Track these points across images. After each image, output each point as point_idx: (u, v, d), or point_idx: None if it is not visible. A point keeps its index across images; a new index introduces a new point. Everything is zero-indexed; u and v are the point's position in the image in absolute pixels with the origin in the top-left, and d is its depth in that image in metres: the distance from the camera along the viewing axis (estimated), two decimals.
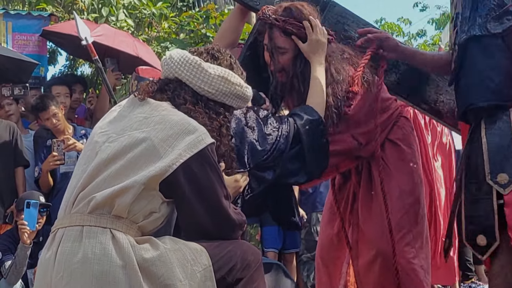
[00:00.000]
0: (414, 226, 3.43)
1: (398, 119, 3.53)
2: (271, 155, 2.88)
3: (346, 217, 3.64)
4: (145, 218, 2.41)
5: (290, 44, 3.24)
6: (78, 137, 5.77)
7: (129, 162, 2.38)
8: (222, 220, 2.48)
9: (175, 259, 2.36)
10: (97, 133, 2.55)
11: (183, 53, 2.62)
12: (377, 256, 3.39)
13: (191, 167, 2.39)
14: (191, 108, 2.53)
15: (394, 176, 3.44)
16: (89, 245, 2.32)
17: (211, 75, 2.58)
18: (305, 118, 2.98)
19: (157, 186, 2.38)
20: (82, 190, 2.41)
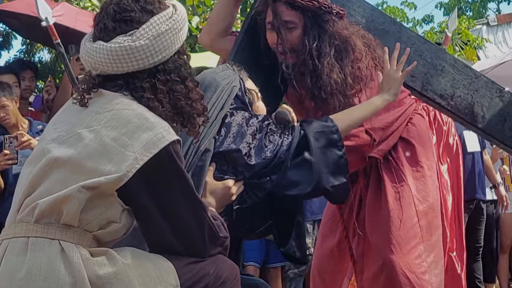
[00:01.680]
0: (427, 237, 3.42)
1: (413, 115, 3.56)
2: (271, 164, 2.84)
3: (351, 225, 3.64)
4: (101, 227, 2.35)
5: (299, 17, 3.22)
6: (34, 133, 5.69)
7: (76, 165, 2.32)
8: (191, 238, 2.42)
9: (136, 276, 2.30)
10: (48, 130, 2.51)
11: (102, 47, 2.44)
12: (382, 269, 3.38)
13: (151, 174, 2.32)
14: (150, 98, 2.43)
15: (406, 180, 3.44)
16: (34, 259, 2.26)
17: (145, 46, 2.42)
18: (315, 123, 2.96)
19: (114, 193, 2.32)
20: (28, 196, 2.35)
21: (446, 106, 3.70)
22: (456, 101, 3.68)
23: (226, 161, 2.81)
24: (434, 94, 3.67)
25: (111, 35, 2.44)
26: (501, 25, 15.24)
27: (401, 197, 3.41)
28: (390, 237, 3.36)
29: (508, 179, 7.49)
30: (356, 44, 3.23)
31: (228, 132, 2.82)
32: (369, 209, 3.52)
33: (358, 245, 3.58)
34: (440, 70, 3.66)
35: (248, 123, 2.86)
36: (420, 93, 3.68)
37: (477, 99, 3.71)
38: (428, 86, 3.66)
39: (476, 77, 3.72)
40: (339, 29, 3.23)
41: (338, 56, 3.23)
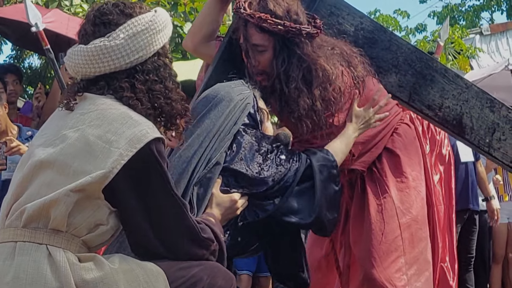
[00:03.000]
0: (409, 249, 3.40)
1: (399, 125, 3.54)
2: (277, 186, 2.88)
3: (337, 237, 3.63)
4: (90, 231, 2.38)
5: (268, 40, 3.18)
6: (24, 139, 5.66)
7: (62, 167, 2.34)
8: (171, 236, 2.43)
9: (124, 282, 2.31)
10: (37, 136, 2.54)
11: (81, 49, 2.48)
12: (364, 282, 3.37)
13: (134, 170, 2.34)
14: (130, 96, 2.47)
15: (389, 191, 3.43)
16: (21, 263, 2.27)
17: (120, 45, 2.47)
18: (319, 155, 3.02)
19: (101, 195, 2.34)
20: (15, 201, 2.38)
21: (433, 117, 3.70)
22: (444, 111, 3.67)
23: (235, 176, 2.85)
24: (421, 105, 3.67)
25: (90, 39, 2.49)
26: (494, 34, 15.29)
27: (383, 209, 3.39)
28: (371, 250, 3.35)
29: (501, 189, 7.51)
30: (325, 67, 3.19)
31: (239, 149, 2.87)
32: (353, 221, 3.51)
33: (344, 257, 3.58)
34: (430, 80, 3.65)
35: (260, 143, 2.92)
36: (407, 103, 3.67)
37: (466, 110, 3.68)
38: (416, 96, 3.65)
39: (467, 87, 3.70)
40: (308, 51, 3.18)
41: (307, 80, 3.20)
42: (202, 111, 2.92)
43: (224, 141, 2.87)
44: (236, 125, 2.91)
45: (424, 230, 3.49)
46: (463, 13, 23.74)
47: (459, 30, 15.40)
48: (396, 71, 3.63)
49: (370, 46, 3.60)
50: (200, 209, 2.80)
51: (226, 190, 2.80)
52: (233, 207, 2.83)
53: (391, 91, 3.58)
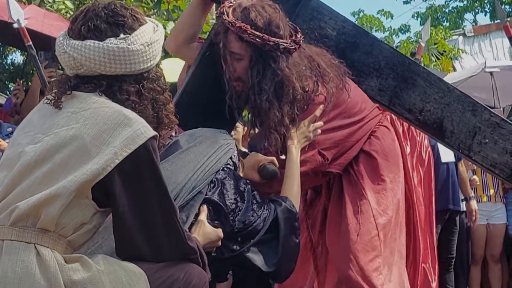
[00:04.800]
0: (384, 249, 3.43)
1: (377, 128, 3.56)
2: (246, 230, 2.97)
3: (316, 236, 3.65)
4: (75, 230, 2.40)
5: (245, 50, 3.23)
6: (4, 135, 5.68)
7: (57, 165, 2.35)
8: (157, 237, 2.45)
9: (108, 283, 2.33)
10: (20, 134, 2.52)
11: (97, 46, 2.49)
12: (340, 283, 3.40)
13: (128, 169, 2.37)
14: (135, 101, 2.53)
15: (366, 193, 3.45)
16: (9, 262, 2.28)
17: (141, 51, 2.53)
18: (283, 206, 3.09)
19: (90, 194, 2.36)
20: (3, 199, 2.37)
21: (414, 120, 3.73)
22: (425, 115, 3.71)
23: (213, 208, 2.91)
24: (402, 109, 3.71)
25: (103, 37, 2.50)
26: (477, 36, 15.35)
27: (360, 212, 3.42)
28: (347, 253, 3.37)
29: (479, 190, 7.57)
30: (295, 85, 3.24)
31: (219, 185, 2.95)
32: (329, 222, 3.54)
33: (321, 256, 3.61)
34: (411, 83, 3.68)
35: (239, 184, 3.00)
36: (388, 107, 3.71)
37: (447, 114, 3.71)
38: (397, 100, 3.69)
39: (449, 91, 3.72)
40: (282, 67, 3.22)
41: (278, 94, 3.25)
42: (186, 145, 3.00)
43: (207, 174, 2.94)
44: (219, 163, 3.00)
45: (395, 231, 3.52)
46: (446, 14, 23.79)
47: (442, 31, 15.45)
48: (378, 74, 3.67)
49: (352, 50, 3.64)
50: None
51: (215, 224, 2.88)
52: (215, 242, 2.86)
53: (371, 95, 3.63)
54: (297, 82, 3.25)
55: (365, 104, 3.54)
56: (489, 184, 7.59)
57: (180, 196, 2.85)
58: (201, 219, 2.85)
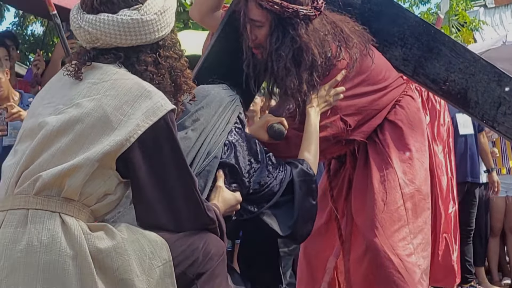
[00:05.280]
0: (413, 219, 3.43)
1: (402, 97, 3.55)
2: (262, 191, 2.97)
3: (340, 206, 3.67)
4: (98, 200, 2.41)
5: (266, 17, 3.25)
6: (25, 105, 5.64)
7: (79, 135, 2.35)
8: (177, 208, 2.47)
9: (132, 251, 2.35)
10: (41, 104, 2.53)
11: (112, 19, 2.48)
12: (366, 251, 3.41)
13: (148, 142, 2.39)
14: (153, 71, 2.53)
15: (392, 162, 3.46)
16: (35, 231, 2.29)
17: (154, 20, 2.53)
18: (299, 168, 3.09)
19: (114, 164, 2.37)
20: (26, 168, 2.37)
21: (437, 90, 3.73)
22: (449, 85, 3.68)
23: (229, 173, 2.91)
24: (426, 79, 3.69)
25: (115, 9, 2.50)
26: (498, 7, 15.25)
27: (386, 180, 3.43)
28: (373, 220, 3.39)
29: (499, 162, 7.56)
30: (314, 51, 3.25)
31: (232, 147, 2.94)
32: (355, 191, 3.55)
33: (346, 225, 3.61)
34: (436, 53, 3.65)
35: (251, 145, 3.00)
36: (412, 77, 3.70)
37: (472, 84, 3.68)
38: (421, 70, 3.67)
39: (475, 61, 3.69)
40: (301, 33, 3.24)
41: (296, 61, 3.27)
42: (193, 107, 2.98)
43: (220, 137, 2.93)
44: (229, 123, 2.99)
45: (426, 201, 3.51)
46: None
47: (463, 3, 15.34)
48: (402, 44, 3.65)
49: (376, 19, 3.62)
50: None
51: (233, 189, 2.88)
52: (234, 207, 2.88)
53: (395, 65, 3.62)
54: (316, 48, 3.26)
55: (389, 72, 3.53)
56: (508, 156, 7.60)
57: (196, 162, 2.85)
58: (219, 185, 2.87)
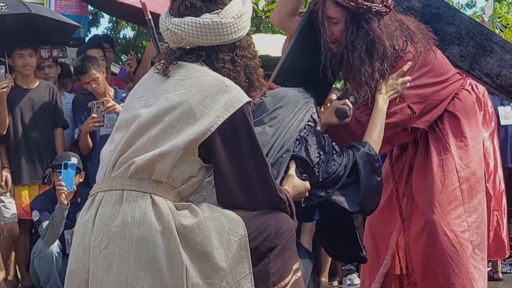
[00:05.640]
0: (468, 200, 3.45)
1: (460, 91, 3.56)
2: (330, 178, 2.98)
3: (401, 187, 3.69)
4: (184, 183, 2.43)
5: (341, 14, 3.30)
6: (119, 100, 5.76)
7: (167, 125, 2.39)
8: (252, 189, 2.47)
9: (213, 228, 2.37)
10: (134, 98, 2.57)
11: (195, 22, 2.51)
12: (425, 227, 3.42)
13: (227, 131, 2.40)
14: (230, 68, 2.55)
15: (450, 148, 3.48)
16: (129, 209, 2.33)
17: (232, 23, 2.55)
18: (362, 151, 3.11)
19: (196, 151, 2.39)
20: (121, 155, 2.41)
21: (491, 84, 3.74)
22: (501, 79, 3.70)
23: (300, 164, 2.92)
24: (480, 73, 3.71)
25: (198, 13, 2.52)
26: None
27: (444, 164, 3.44)
28: (432, 199, 3.40)
29: None
30: (385, 43, 3.29)
31: (304, 142, 2.96)
32: (416, 174, 3.56)
33: (407, 205, 3.62)
34: (489, 51, 3.68)
35: (320, 139, 3.02)
36: (468, 72, 3.71)
37: None
38: (476, 65, 3.70)
39: None
40: (374, 27, 3.28)
41: (369, 52, 3.32)
42: (272, 106, 3.01)
43: (294, 133, 2.95)
44: (302, 122, 3.01)
45: (481, 184, 3.52)
46: None
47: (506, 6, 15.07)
48: (459, 43, 3.68)
49: (435, 21, 3.65)
50: None
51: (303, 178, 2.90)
52: (303, 193, 2.86)
53: (453, 61, 3.64)
54: (387, 41, 3.31)
55: (448, 67, 3.56)
56: None
57: (271, 154, 2.87)
58: (290, 173, 2.86)
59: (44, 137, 5.81)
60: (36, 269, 5.32)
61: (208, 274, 2.34)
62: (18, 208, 5.62)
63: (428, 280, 3.43)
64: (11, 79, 5.61)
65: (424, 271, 3.45)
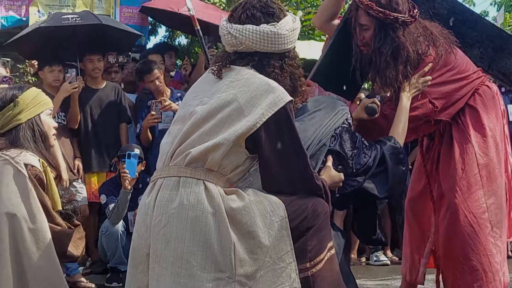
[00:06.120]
0: (487, 184, 3.42)
1: (480, 87, 3.53)
2: (361, 169, 3.00)
3: (432, 175, 3.68)
4: (232, 171, 2.44)
5: (371, 22, 3.31)
6: (175, 99, 5.81)
7: (219, 121, 2.40)
8: (294, 176, 2.47)
9: (257, 210, 2.38)
10: (191, 97, 2.58)
11: (255, 29, 2.53)
12: (448, 210, 3.42)
13: (271, 126, 2.40)
14: (278, 73, 2.55)
15: (471, 139, 3.46)
16: (184, 193, 2.36)
17: (286, 35, 2.56)
18: (388, 144, 3.13)
19: (243, 143, 2.40)
20: (179, 146, 2.44)
21: (507, 82, 3.75)
22: None
23: (336, 158, 2.94)
24: (498, 73, 3.71)
25: (258, 22, 2.54)
26: None
27: (465, 153, 3.44)
28: (454, 185, 3.41)
29: None
30: (408, 49, 3.30)
31: (339, 138, 2.99)
32: (442, 162, 3.55)
33: (437, 190, 3.63)
34: (507, 53, 3.67)
35: (353, 137, 3.04)
36: (486, 71, 3.67)
37: None
38: (494, 65, 3.69)
39: None
40: (399, 35, 3.29)
41: (394, 57, 3.32)
42: (313, 109, 3.05)
43: (329, 131, 2.98)
44: (338, 123, 3.03)
45: (499, 169, 3.49)
46: None
47: None
48: (480, 45, 3.66)
49: (459, 26, 3.62)
50: None
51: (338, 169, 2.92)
52: (338, 183, 2.86)
53: (474, 61, 3.61)
54: (410, 47, 3.31)
55: (469, 66, 3.54)
56: None
57: (310, 148, 2.88)
58: (328, 165, 2.87)
59: (110, 131, 5.87)
60: (103, 245, 5.38)
61: (254, 250, 2.35)
62: (88, 192, 5.70)
63: (449, 256, 3.43)
64: (82, 81, 5.68)
65: (446, 248, 3.44)
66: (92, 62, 5.88)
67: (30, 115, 2.99)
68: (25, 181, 2.77)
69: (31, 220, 2.72)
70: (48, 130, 3.04)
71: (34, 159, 2.86)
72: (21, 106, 2.97)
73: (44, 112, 3.05)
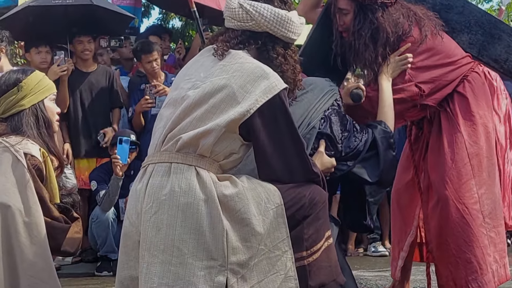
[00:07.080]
0: (478, 173, 3.42)
1: (469, 73, 3.52)
2: (351, 152, 3.00)
3: (420, 165, 3.68)
4: (225, 157, 2.45)
5: (351, 5, 3.34)
6: (169, 83, 5.76)
7: (211, 106, 2.40)
8: (290, 164, 2.48)
9: (251, 197, 2.39)
10: (183, 79, 2.57)
11: (271, 8, 2.55)
12: (438, 202, 3.42)
13: (266, 112, 2.41)
14: (282, 61, 2.57)
15: (460, 127, 3.44)
16: (176, 180, 2.36)
17: (296, 24, 2.60)
18: (378, 128, 3.13)
19: (237, 129, 2.41)
20: (170, 131, 2.44)
21: (499, 68, 3.68)
22: (509, 64, 3.65)
23: (326, 139, 2.94)
24: (489, 59, 3.66)
25: (273, 4, 2.58)
26: None
27: (454, 142, 3.43)
28: (444, 176, 3.39)
29: None
30: (387, 30, 3.30)
31: (328, 120, 2.99)
32: (431, 152, 3.55)
33: (424, 180, 3.62)
34: (497, 38, 3.62)
35: (343, 118, 3.04)
36: (477, 57, 3.65)
37: None
38: (484, 52, 3.65)
39: None
40: (378, 17, 3.30)
41: (374, 39, 3.33)
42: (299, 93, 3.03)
43: (318, 113, 2.98)
44: (327, 104, 3.03)
45: (490, 158, 3.47)
46: None
47: None
48: (468, 31, 3.63)
49: (446, 11, 3.61)
50: None
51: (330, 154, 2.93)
52: (330, 169, 2.87)
53: (463, 48, 3.59)
54: (389, 28, 3.32)
55: (457, 50, 3.54)
56: None
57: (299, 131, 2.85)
58: (320, 150, 2.87)
59: (100, 115, 5.84)
60: (93, 233, 5.37)
61: (247, 237, 2.36)
62: (78, 178, 5.67)
63: (442, 249, 3.44)
64: (71, 63, 5.63)
65: (438, 241, 3.45)
66: (81, 43, 5.80)
67: (34, 100, 2.91)
68: (23, 171, 2.71)
69: (26, 213, 2.66)
70: (52, 116, 2.97)
71: (34, 148, 2.80)
72: (25, 91, 2.89)
73: (48, 97, 2.98)
